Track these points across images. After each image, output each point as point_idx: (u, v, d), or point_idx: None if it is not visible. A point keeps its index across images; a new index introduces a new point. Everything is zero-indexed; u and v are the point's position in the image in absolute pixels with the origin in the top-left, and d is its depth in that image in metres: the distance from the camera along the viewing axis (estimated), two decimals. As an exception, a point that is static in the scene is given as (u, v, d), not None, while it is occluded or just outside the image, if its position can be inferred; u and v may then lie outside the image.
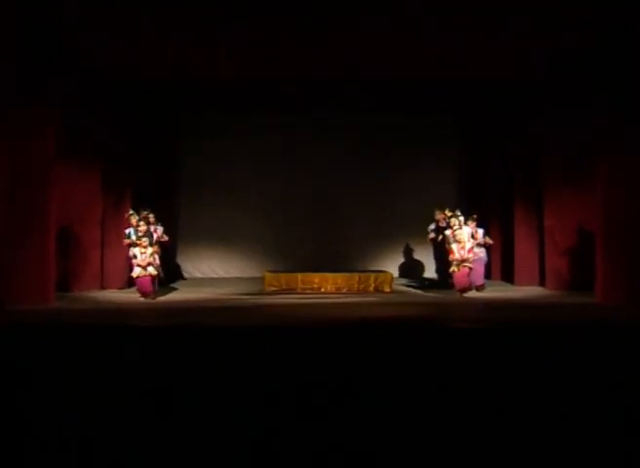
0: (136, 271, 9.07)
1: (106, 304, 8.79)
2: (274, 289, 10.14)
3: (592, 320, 7.12)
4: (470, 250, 9.37)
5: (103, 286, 10.55)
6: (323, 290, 10.18)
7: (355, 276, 10.47)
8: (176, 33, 8.44)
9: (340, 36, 8.48)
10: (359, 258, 12.45)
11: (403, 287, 11.15)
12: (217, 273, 12.79)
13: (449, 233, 9.55)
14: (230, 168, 12.38)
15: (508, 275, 11.56)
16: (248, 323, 6.95)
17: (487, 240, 10.13)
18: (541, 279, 10.74)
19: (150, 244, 9.13)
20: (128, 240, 9.24)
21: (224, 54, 9.25)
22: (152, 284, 9.23)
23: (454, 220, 9.49)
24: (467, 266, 9.33)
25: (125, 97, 10.97)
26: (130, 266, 9.46)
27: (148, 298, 9.07)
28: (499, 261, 11.86)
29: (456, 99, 11.96)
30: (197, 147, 12.41)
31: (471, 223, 9.76)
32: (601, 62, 8.45)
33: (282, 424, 4.15)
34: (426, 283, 11.58)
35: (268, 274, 10.54)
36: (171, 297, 9.62)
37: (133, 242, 9.13)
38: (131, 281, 9.89)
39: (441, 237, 10.07)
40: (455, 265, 9.37)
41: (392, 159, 12.52)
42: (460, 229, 9.39)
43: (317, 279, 10.31)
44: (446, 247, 9.67)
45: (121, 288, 10.57)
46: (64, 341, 5.46)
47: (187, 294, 9.97)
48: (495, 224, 11.79)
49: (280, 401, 4.43)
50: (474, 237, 9.62)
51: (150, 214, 9.56)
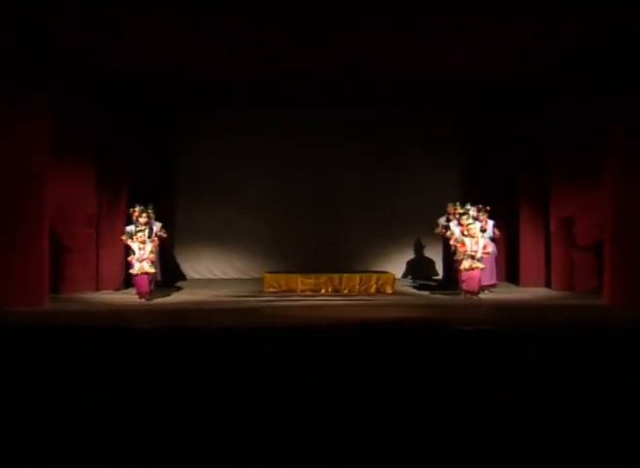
0: (135, 268, 8.89)
1: (101, 306, 8.64)
2: (274, 290, 9.98)
3: (600, 322, 7.02)
4: (485, 246, 9.11)
5: (99, 287, 10.40)
6: (323, 291, 10.02)
7: (356, 277, 10.29)
8: (176, 33, 8.42)
9: (340, 36, 8.45)
10: (360, 259, 12.29)
11: (405, 287, 10.97)
12: (215, 274, 12.64)
13: (459, 229, 9.32)
14: (229, 167, 12.27)
15: (513, 276, 11.42)
16: (247, 324, 6.85)
17: (496, 232, 9.89)
18: (547, 280, 10.58)
19: (149, 237, 9.02)
20: (126, 237, 9.08)
21: (224, 53, 9.23)
22: (149, 283, 9.05)
23: (465, 217, 9.24)
24: (479, 267, 9.06)
25: (124, 97, 10.87)
26: (128, 264, 9.27)
27: (144, 299, 8.90)
28: (503, 262, 11.66)
29: (456, 99, 11.88)
30: (196, 147, 12.31)
31: (482, 216, 9.52)
32: (602, 62, 8.40)
33: (282, 426, 4.15)
34: (430, 283, 11.39)
35: (268, 275, 10.39)
36: (168, 299, 9.47)
37: (130, 234, 8.99)
38: (127, 281, 9.69)
39: (449, 233, 9.79)
40: (465, 260, 9.05)
41: (393, 159, 12.42)
42: (474, 224, 9.14)
43: (317, 280, 10.13)
44: (451, 244, 9.46)
45: (117, 289, 10.42)
46: (58, 344, 5.33)
47: (185, 296, 9.85)
48: (498, 224, 11.59)
49: (280, 403, 4.41)
50: (484, 230, 9.35)
51: (150, 210, 9.54)
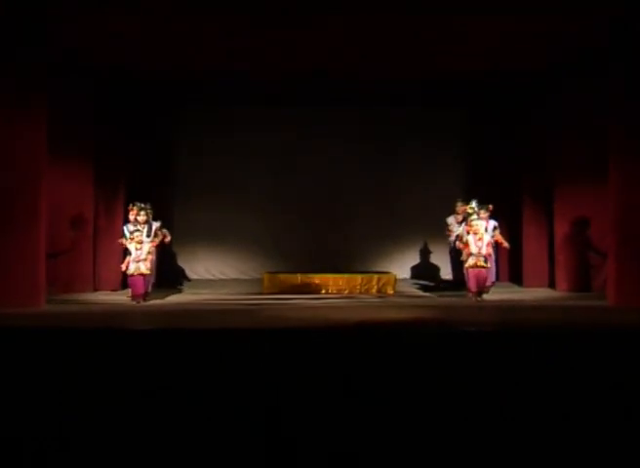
0: (130, 268, 8.75)
1: (98, 307, 8.54)
2: (273, 290, 9.90)
3: (605, 323, 6.89)
4: (489, 244, 8.90)
5: (96, 288, 10.31)
6: (324, 291, 9.94)
7: (357, 277, 10.20)
8: (176, 33, 8.42)
9: (340, 36, 8.43)
10: (360, 259, 12.22)
11: (407, 288, 10.87)
12: (214, 275, 12.56)
13: (463, 228, 9.16)
14: (229, 167, 12.20)
15: (516, 276, 11.33)
16: (246, 325, 6.74)
17: (497, 235, 9.38)
18: (551, 280, 10.49)
19: (148, 235, 8.90)
20: (123, 239, 8.93)
21: (224, 53, 9.24)
22: (144, 285, 8.87)
23: (472, 215, 9.00)
24: (484, 266, 8.85)
25: (123, 97, 10.86)
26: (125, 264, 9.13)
27: (138, 301, 8.69)
28: (506, 262, 11.61)
29: (456, 99, 11.85)
30: (195, 146, 12.26)
31: (483, 214, 9.15)
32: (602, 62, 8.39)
33: (282, 426, 4.18)
34: (435, 285, 11.27)
35: (267, 275, 10.33)
36: (167, 300, 9.37)
37: (127, 234, 8.86)
38: (125, 282, 9.60)
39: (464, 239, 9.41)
40: (471, 260, 8.85)
41: (393, 158, 12.35)
42: (478, 220, 8.92)
43: (318, 280, 10.06)
44: (457, 245, 9.31)
45: (115, 289, 10.32)
46: (54, 346, 5.26)
47: (185, 296, 9.78)
48: (501, 224, 11.53)
49: (280, 403, 4.42)
50: (485, 228, 9.06)
51: (148, 208, 9.40)
